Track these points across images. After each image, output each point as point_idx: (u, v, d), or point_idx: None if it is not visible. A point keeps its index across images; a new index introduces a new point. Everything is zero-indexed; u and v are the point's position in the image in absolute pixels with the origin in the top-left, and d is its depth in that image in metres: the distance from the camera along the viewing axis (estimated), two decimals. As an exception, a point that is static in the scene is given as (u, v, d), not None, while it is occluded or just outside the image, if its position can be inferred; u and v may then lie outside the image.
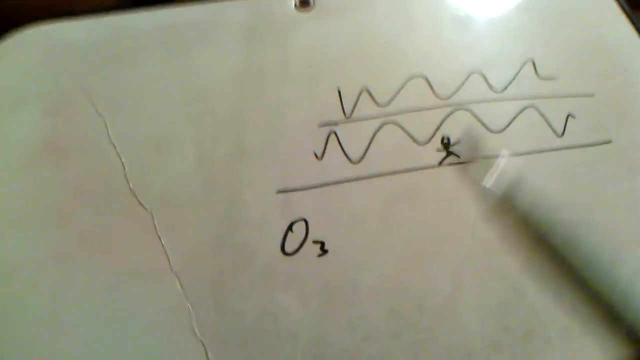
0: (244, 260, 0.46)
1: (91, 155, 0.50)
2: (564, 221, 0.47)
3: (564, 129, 0.52)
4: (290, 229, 0.47)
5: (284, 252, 0.46)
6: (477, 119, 0.52)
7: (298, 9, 0.59)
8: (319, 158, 0.50)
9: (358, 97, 0.53)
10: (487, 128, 0.52)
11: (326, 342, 0.43)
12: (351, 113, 0.52)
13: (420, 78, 0.54)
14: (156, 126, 0.51)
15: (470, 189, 0.49)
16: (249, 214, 0.48)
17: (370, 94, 0.53)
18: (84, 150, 0.50)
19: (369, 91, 0.53)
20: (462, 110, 0.52)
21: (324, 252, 0.46)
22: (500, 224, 0.47)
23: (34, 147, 0.49)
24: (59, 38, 0.57)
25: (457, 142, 0.51)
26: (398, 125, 0.52)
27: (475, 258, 0.46)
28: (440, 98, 0.53)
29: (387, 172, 0.50)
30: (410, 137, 0.51)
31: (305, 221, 0.47)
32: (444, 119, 0.52)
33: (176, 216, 0.47)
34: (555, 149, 0.51)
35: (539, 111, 0.52)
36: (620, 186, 0.49)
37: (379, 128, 0.52)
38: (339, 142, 0.51)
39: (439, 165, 0.50)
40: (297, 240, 0.47)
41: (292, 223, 0.47)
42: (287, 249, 0.46)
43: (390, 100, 0.53)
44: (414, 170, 0.50)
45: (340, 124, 0.52)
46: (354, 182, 0.49)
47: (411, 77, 0.54)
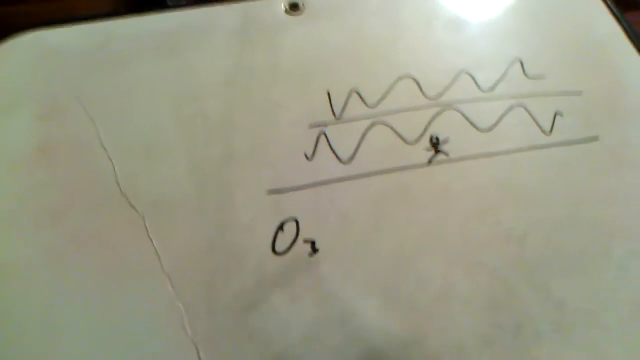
0: (235, 260, 0.46)
1: (83, 158, 0.50)
2: (552, 216, 0.48)
3: (552, 126, 0.52)
4: (281, 228, 0.47)
5: (275, 252, 0.46)
6: (466, 118, 0.53)
7: (288, 13, 0.60)
8: (309, 158, 0.51)
9: (348, 98, 0.53)
10: (476, 127, 0.52)
11: (317, 340, 0.43)
12: (341, 114, 0.53)
13: (409, 78, 0.54)
14: (147, 129, 0.51)
15: (459, 186, 0.49)
16: (240, 214, 0.48)
17: (359, 95, 0.54)
18: (76, 154, 0.50)
19: (359, 92, 0.54)
20: (451, 109, 0.53)
21: (314, 251, 0.47)
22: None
23: (26, 150, 0.50)
24: (53, 43, 0.58)
25: (445, 141, 0.51)
26: (387, 125, 0.52)
27: (465, 255, 0.46)
28: (429, 98, 0.54)
29: (377, 172, 0.50)
30: (400, 137, 0.52)
31: (296, 221, 0.48)
32: (433, 118, 0.52)
33: (167, 218, 0.48)
34: (544, 146, 0.51)
35: (527, 110, 0.53)
36: (608, 182, 0.50)
37: (369, 128, 0.52)
38: (328, 143, 0.51)
39: (428, 164, 0.50)
40: (288, 239, 0.47)
41: (283, 223, 0.48)
42: (278, 248, 0.47)
43: (380, 101, 0.53)
44: (403, 169, 0.50)
45: (330, 125, 0.52)
46: (344, 181, 0.50)
47: (400, 78, 0.54)
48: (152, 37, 0.58)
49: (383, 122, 0.52)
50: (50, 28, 0.60)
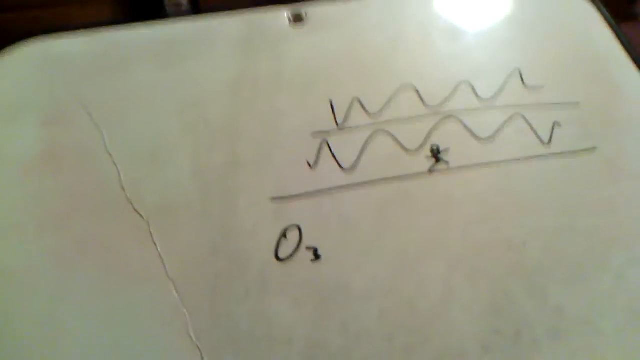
0: (238, 266, 0.47)
1: (88, 164, 0.51)
2: (551, 225, 0.48)
3: (551, 136, 0.53)
4: (283, 235, 0.48)
5: (278, 258, 0.47)
6: (466, 127, 0.53)
7: (292, 24, 0.60)
8: (312, 166, 0.51)
9: (350, 107, 0.54)
10: (475, 136, 0.53)
11: (320, 345, 0.44)
12: (343, 122, 0.53)
13: (410, 88, 0.55)
14: (151, 136, 0.52)
15: (460, 195, 0.50)
16: (244, 221, 0.49)
17: (361, 104, 0.54)
18: (81, 160, 0.51)
19: (360, 101, 0.54)
20: (451, 118, 0.54)
21: (317, 257, 0.47)
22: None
23: (32, 157, 0.50)
24: (56, 52, 0.59)
25: (446, 150, 0.52)
26: (389, 134, 0.53)
27: (466, 262, 0.47)
28: (430, 107, 0.54)
29: (378, 180, 0.51)
30: (401, 146, 0.52)
31: (299, 228, 0.48)
32: (434, 127, 0.53)
33: (172, 223, 0.48)
34: (542, 156, 0.52)
35: (526, 119, 0.54)
36: (605, 191, 0.50)
37: (370, 137, 0.53)
38: (331, 151, 0.52)
39: (428, 173, 0.51)
40: (291, 246, 0.48)
41: (286, 230, 0.48)
42: (281, 255, 0.47)
43: (381, 110, 0.54)
44: (404, 177, 0.51)
45: (333, 133, 0.53)
46: (346, 189, 0.50)
47: (401, 87, 0.55)
48: (155, 46, 0.59)
49: (384, 130, 0.53)
50: (54, 36, 0.61)
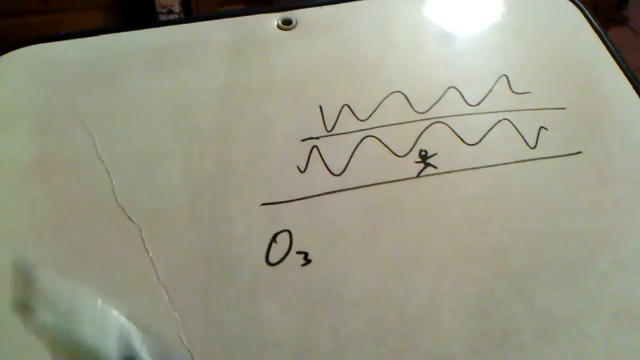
0: (230, 271, 0.47)
1: (80, 171, 0.51)
2: (538, 228, 0.49)
3: (537, 141, 0.54)
4: (274, 240, 0.48)
5: (269, 263, 0.48)
6: (454, 132, 0.54)
7: (281, 28, 0.61)
8: (302, 171, 0.52)
9: (339, 112, 0.55)
10: (463, 141, 0.54)
11: (310, 349, 0.44)
12: (332, 127, 0.54)
13: (399, 93, 0.56)
14: (143, 142, 0.52)
15: (448, 199, 0.51)
16: (235, 226, 0.49)
17: (351, 109, 0.55)
18: (74, 167, 0.51)
19: (350, 106, 0.55)
20: (439, 124, 0.54)
21: (307, 262, 0.48)
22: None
23: (25, 164, 0.51)
24: (49, 58, 0.59)
25: (434, 155, 0.53)
26: (378, 138, 0.54)
27: (454, 265, 0.47)
28: (418, 112, 0.55)
29: (367, 184, 0.51)
30: (390, 150, 0.53)
31: (289, 232, 0.49)
32: (422, 132, 0.54)
33: (163, 229, 0.49)
34: (529, 160, 0.53)
35: (513, 124, 0.55)
36: (592, 194, 0.51)
37: (360, 142, 0.53)
38: (321, 156, 0.52)
39: (417, 177, 0.52)
40: (282, 251, 0.48)
41: (276, 234, 0.49)
42: (272, 259, 0.48)
43: (371, 115, 0.55)
44: (393, 181, 0.51)
45: (322, 139, 0.53)
46: (336, 194, 0.51)
47: (390, 93, 0.56)
48: (148, 52, 0.60)
49: (374, 135, 0.54)
50: (47, 43, 0.61)
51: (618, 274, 0.47)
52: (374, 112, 0.55)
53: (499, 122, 0.55)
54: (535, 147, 0.53)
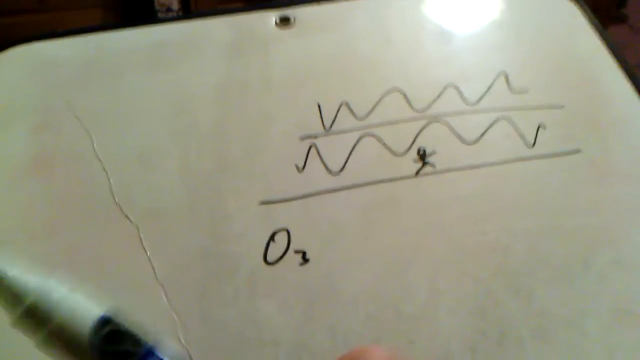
0: (227, 270, 0.47)
1: (78, 169, 0.51)
2: (536, 227, 0.49)
3: (535, 139, 0.54)
4: (272, 239, 0.48)
5: (267, 262, 0.47)
6: (452, 130, 0.54)
7: (279, 26, 0.61)
8: (300, 170, 0.52)
9: (337, 110, 0.55)
10: (462, 139, 0.54)
11: (307, 348, 0.44)
12: (331, 126, 0.54)
13: (397, 91, 0.56)
14: (141, 140, 0.52)
15: (446, 197, 0.51)
16: (233, 224, 0.49)
17: (349, 107, 0.55)
18: (71, 165, 0.51)
19: (348, 105, 0.55)
20: (438, 122, 0.54)
21: (305, 261, 0.48)
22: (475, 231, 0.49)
23: (22, 162, 0.51)
24: (47, 56, 0.59)
25: (432, 153, 0.53)
26: (376, 137, 0.53)
27: (452, 264, 0.47)
28: (417, 110, 0.55)
29: (366, 183, 0.51)
30: (388, 149, 0.53)
31: (287, 231, 0.49)
32: (420, 130, 0.54)
33: (161, 228, 0.49)
34: (527, 158, 0.52)
35: (511, 122, 0.54)
36: (590, 193, 0.51)
37: (358, 140, 0.53)
38: (319, 154, 0.52)
39: (415, 176, 0.52)
40: (280, 250, 0.48)
41: (275, 233, 0.49)
42: (270, 258, 0.48)
43: (369, 113, 0.55)
44: (391, 180, 0.51)
45: (321, 137, 0.53)
46: (334, 192, 0.51)
47: (389, 91, 0.56)
48: (145, 50, 0.60)
49: (372, 134, 0.54)
50: (44, 41, 0.61)
51: (616, 272, 0.47)
52: (373, 110, 0.55)
53: (497, 120, 0.55)
54: (534, 146, 0.53)
